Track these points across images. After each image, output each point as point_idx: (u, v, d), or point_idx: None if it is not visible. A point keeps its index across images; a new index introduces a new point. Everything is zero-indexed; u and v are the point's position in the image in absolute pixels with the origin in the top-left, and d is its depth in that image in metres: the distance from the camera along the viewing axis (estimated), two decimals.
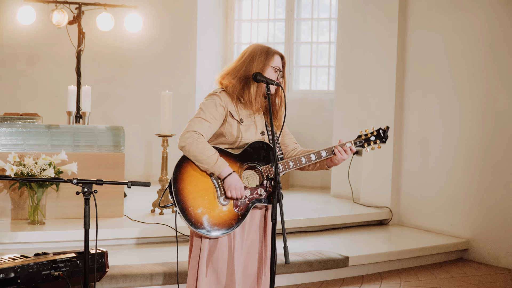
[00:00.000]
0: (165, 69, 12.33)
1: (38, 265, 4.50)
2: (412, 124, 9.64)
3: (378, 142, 4.76)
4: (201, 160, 4.36)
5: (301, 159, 4.57)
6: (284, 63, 4.68)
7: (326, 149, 4.63)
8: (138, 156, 12.24)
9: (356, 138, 4.76)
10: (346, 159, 4.65)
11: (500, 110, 8.46)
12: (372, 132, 4.76)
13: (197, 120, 4.47)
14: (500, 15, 8.49)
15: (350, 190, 10.61)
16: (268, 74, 4.57)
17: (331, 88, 12.10)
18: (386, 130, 4.78)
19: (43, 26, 10.96)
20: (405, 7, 9.71)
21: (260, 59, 4.57)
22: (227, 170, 4.38)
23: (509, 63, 8.36)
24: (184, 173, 4.40)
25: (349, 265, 7.57)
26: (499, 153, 8.44)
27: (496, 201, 8.48)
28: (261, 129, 4.65)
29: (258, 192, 4.49)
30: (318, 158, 4.60)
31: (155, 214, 8.56)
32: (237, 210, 4.44)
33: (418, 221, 9.51)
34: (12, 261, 4.53)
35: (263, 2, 12.89)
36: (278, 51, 4.68)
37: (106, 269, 4.91)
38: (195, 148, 4.35)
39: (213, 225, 4.38)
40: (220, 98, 4.53)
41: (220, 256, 4.53)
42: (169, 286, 6.51)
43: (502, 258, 8.37)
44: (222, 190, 4.41)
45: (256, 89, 4.55)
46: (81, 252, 4.76)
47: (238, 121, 4.54)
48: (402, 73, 9.73)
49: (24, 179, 4.16)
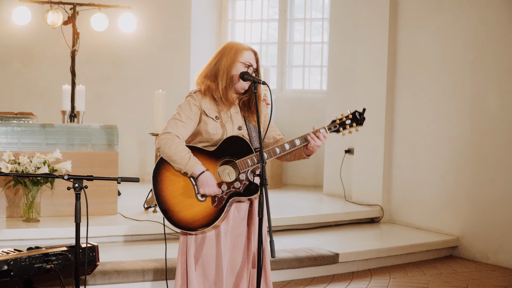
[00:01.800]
0: (159, 69, 12.40)
1: (31, 258, 4.63)
2: (403, 123, 9.75)
3: (355, 125, 4.72)
4: (175, 160, 4.48)
5: (275, 150, 4.60)
6: (257, 58, 4.72)
7: (300, 137, 4.63)
8: (132, 155, 12.32)
9: (330, 123, 4.73)
10: (320, 145, 4.62)
11: (489, 109, 8.57)
12: (347, 116, 4.73)
13: (172, 122, 4.61)
14: (489, 15, 8.59)
15: (342, 188, 10.71)
16: (238, 69, 4.62)
17: (324, 87, 12.18)
18: (362, 112, 4.75)
19: (38, 26, 11.06)
20: (395, 7, 9.81)
21: (229, 56, 4.63)
22: (199, 168, 4.49)
23: (498, 62, 8.47)
24: (163, 173, 4.53)
25: (339, 262, 7.67)
26: (489, 151, 8.55)
27: (485, 199, 8.59)
28: (238, 124, 4.71)
29: (235, 186, 4.57)
30: (292, 147, 4.61)
31: (148, 212, 8.66)
32: (214, 205, 4.53)
33: (408, 219, 9.62)
34: (6, 254, 4.65)
35: (256, 2, 12.98)
36: (249, 47, 4.72)
37: (97, 263, 5.03)
38: (168, 149, 4.48)
39: (193, 222, 4.49)
40: (194, 99, 4.65)
41: (208, 251, 4.62)
42: (161, 282, 6.61)
43: (490, 255, 8.48)
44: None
45: (225, 85, 4.62)
46: (73, 246, 4.88)
47: (213, 119, 4.62)
48: (393, 72, 9.84)
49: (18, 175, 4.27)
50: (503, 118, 8.40)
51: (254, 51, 4.73)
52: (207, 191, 4.51)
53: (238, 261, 4.74)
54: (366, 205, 9.97)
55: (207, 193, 4.51)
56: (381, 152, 9.88)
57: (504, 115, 8.38)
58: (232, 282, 4.75)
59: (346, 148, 10.76)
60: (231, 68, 4.62)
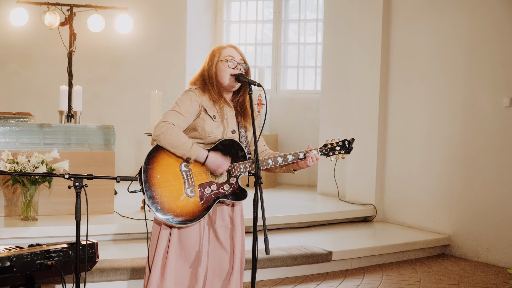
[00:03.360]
0: (155, 70, 12.50)
1: (32, 255, 4.76)
2: (396, 123, 9.87)
3: (343, 152, 4.93)
4: (177, 146, 4.50)
5: (268, 161, 4.70)
6: (240, 52, 4.81)
7: (293, 153, 4.76)
8: (128, 155, 12.40)
9: (322, 147, 4.91)
10: (311, 166, 4.81)
11: (480, 110, 8.68)
12: (337, 142, 4.91)
13: (171, 113, 4.62)
14: (483, 17, 8.69)
15: (336, 188, 10.82)
16: (220, 67, 4.72)
17: (318, 88, 12.30)
18: (351, 141, 4.94)
19: (36, 27, 11.15)
20: (389, 9, 9.92)
21: (213, 57, 4.74)
22: (203, 152, 4.54)
23: (490, 63, 8.58)
24: (155, 162, 4.54)
25: (333, 260, 7.79)
26: (480, 151, 8.67)
27: (476, 198, 8.71)
28: (232, 128, 4.78)
29: (224, 188, 4.63)
30: (284, 161, 4.74)
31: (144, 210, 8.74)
32: (202, 202, 4.58)
33: (401, 218, 9.74)
34: (8, 251, 4.77)
35: (251, 3, 13.09)
36: (228, 44, 4.84)
37: (96, 259, 5.16)
38: (170, 136, 4.49)
39: (178, 215, 4.51)
40: (195, 94, 4.69)
41: (189, 246, 4.65)
42: None
43: (482, 254, 8.60)
44: (191, 182, 4.57)
45: (216, 87, 4.71)
46: (73, 243, 5.01)
47: (211, 117, 4.69)
48: (386, 73, 9.96)
49: (19, 174, 4.38)
50: (496, 119, 8.51)
51: (234, 46, 4.83)
52: (223, 168, 4.58)
53: (220, 263, 4.76)
54: (360, 204, 10.09)
55: (223, 171, 4.59)
56: (374, 152, 10.00)
57: (497, 116, 8.49)
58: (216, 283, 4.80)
59: None
60: (212, 69, 4.72)
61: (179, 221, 4.54)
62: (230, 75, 4.70)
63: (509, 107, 8.34)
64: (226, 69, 4.71)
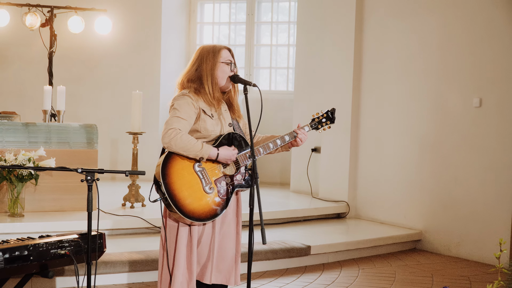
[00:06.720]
0: (131, 70, 12.65)
1: (47, 244, 5.07)
2: (368, 122, 10.13)
3: (329, 123, 5.34)
4: (189, 148, 4.70)
5: (269, 145, 5.03)
6: (232, 54, 5.05)
7: (289, 133, 5.11)
8: (104, 154, 12.51)
9: (311, 121, 5.28)
10: (305, 141, 5.16)
11: (451, 110, 8.97)
12: (322, 115, 5.31)
13: (174, 119, 4.78)
14: (449, 19, 8.99)
15: (309, 185, 11.08)
16: (222, 69, 4.95)
17: (290, 88, 12.53)
18: (333, 111, 5.36)
19: (16, 28, 11.26)
20: (362, 10, 10.16)
21: (209, 59, 4.93)
22: (214, 150, 4.78)
23: (458, 64, 8.87)
24: (171, 168, 4.73)
25: (311, 254, 8.08)
26: (450, 149, 8.96)
27: (447, 195, 9.00)
28: (228, 121, 5.03)
29: (237, 178, 4.91)
30: (282, 142, 5.08)
31: (126, 207, 8.95)
32: (221, 197, 4.84)
33: (374, 214, 10.03)
34: (22, 241, 5.05)
35: (224, 5, 13.29)
36: (223, 45, 5.05)
37: (104, 249, 5.44)
38: (180, 140, 4.68)
39: (202, 213, 4.75)
40: (191, 98, 4.87)
41: (203, 241, 4.91)
42: (146, 272, 7.02)
43: (452, 248, 8.91)
44: (207, 179, 4.80)
45: (212, 86, 4.92)
46: (84, 233, 5.31)
47: (210, 116, 4.91)
48: (358, 73, 10.21)
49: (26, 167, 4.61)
50: (466, 118, 8.78)
51: (229, 48, 5.06)
52: (233, 159, 4.85)
53: (229, 248, 5.03)
54: (333, 201, 10.35)
55: (234, 160, 4.86)
56: (347, 151, 10.26)
57: (466, 115, 8.77)
58: (222, 268, 5.06)
59: (312, 146, 11.10)
60: (214, 70, 4.92)
61: (205, 218, 4.77)
62: (228, 76, 4.95)
63: (479, 107, 8.61)
64: (227, 71, 4.95)
